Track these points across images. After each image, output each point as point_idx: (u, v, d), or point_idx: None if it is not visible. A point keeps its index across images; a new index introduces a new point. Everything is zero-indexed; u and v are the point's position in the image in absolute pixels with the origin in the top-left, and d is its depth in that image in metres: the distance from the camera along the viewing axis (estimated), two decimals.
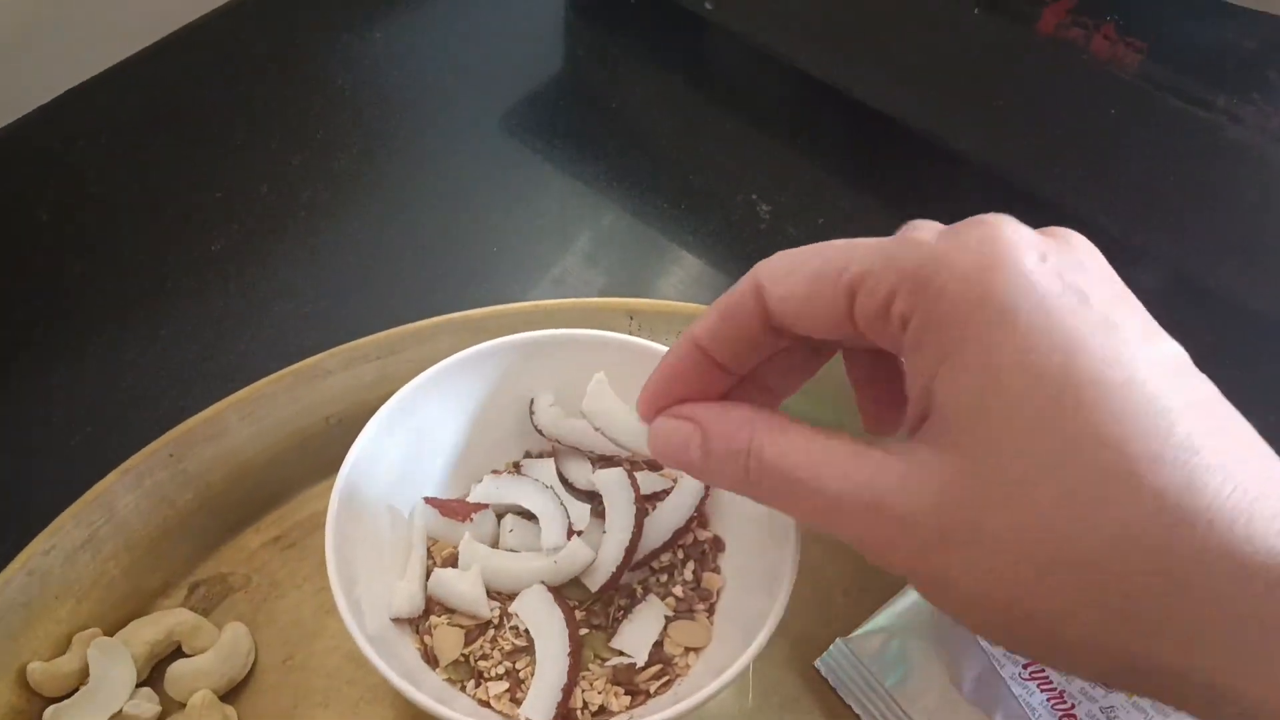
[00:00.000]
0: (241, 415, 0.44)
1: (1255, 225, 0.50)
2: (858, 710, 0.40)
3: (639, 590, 0.39)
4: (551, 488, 0.40)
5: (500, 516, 0.40)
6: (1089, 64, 0.50)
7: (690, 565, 0.40)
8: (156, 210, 0.59)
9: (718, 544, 0.41)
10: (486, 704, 0.36)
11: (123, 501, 0.42)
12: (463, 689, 0.36)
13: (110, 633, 0.40)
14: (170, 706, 0.39)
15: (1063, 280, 0.22)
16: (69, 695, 0.38)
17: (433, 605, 0.38)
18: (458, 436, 0.41)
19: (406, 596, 0.37)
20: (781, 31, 0.64)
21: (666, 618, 0.38)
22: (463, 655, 0.37)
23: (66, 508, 0.41)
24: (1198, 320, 0.55)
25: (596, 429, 0.39)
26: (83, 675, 0.38)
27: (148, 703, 0.38)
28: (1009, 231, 0.23)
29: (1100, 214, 0.55)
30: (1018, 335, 0.21)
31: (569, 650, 0.36)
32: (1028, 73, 0.53)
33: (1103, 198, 0.55)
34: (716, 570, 0.40)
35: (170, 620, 0.40)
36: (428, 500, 0.40)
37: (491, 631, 0.37)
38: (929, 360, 0.23)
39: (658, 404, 0.28)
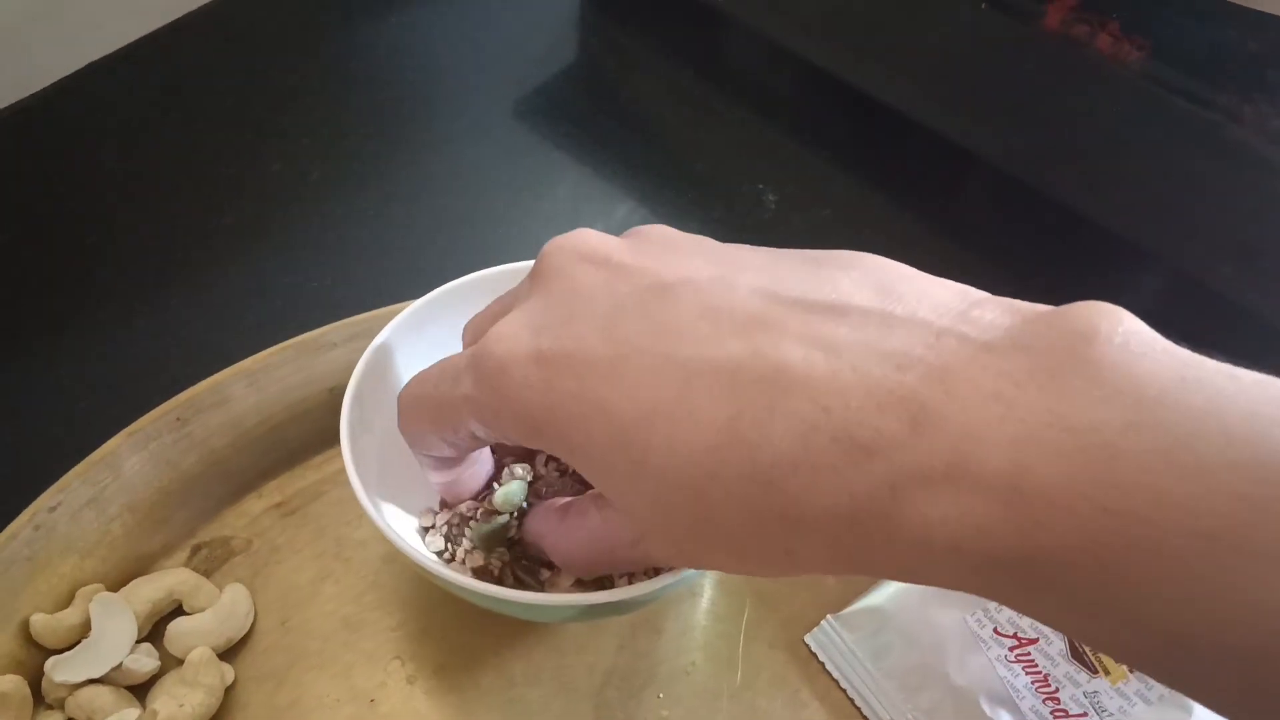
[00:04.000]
0: (247, 383, 0.45)
1: (1255, 225, 0.50)
2: (844, 686, 0.40)
3: None
4: None
5: None
6: (1092, 61, 0.50)
7: None
8: (170, 185, 0.60)
9: None
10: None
11: (128, 463, 0.42)
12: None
13: (113, 589, 0.40)
14: (169, 662, 0.40)
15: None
16: (70, 648, 0.38)
17: None
18: None
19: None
20: (791, 25, 0.65)
21: None
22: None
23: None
24: (1197, 319, 0.56)
25: None
26: (84, 629, 0.39)
27: (147, 657, 0.39)
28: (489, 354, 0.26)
29: (1102, 211, 0.56)
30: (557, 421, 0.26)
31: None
32: (1032, 69, 0.53)
33: (1105, 194, 0.55)
34: None
35: (172, 579, 0.41)
36: None
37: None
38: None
39: None
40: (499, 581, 0.39)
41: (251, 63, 0.68)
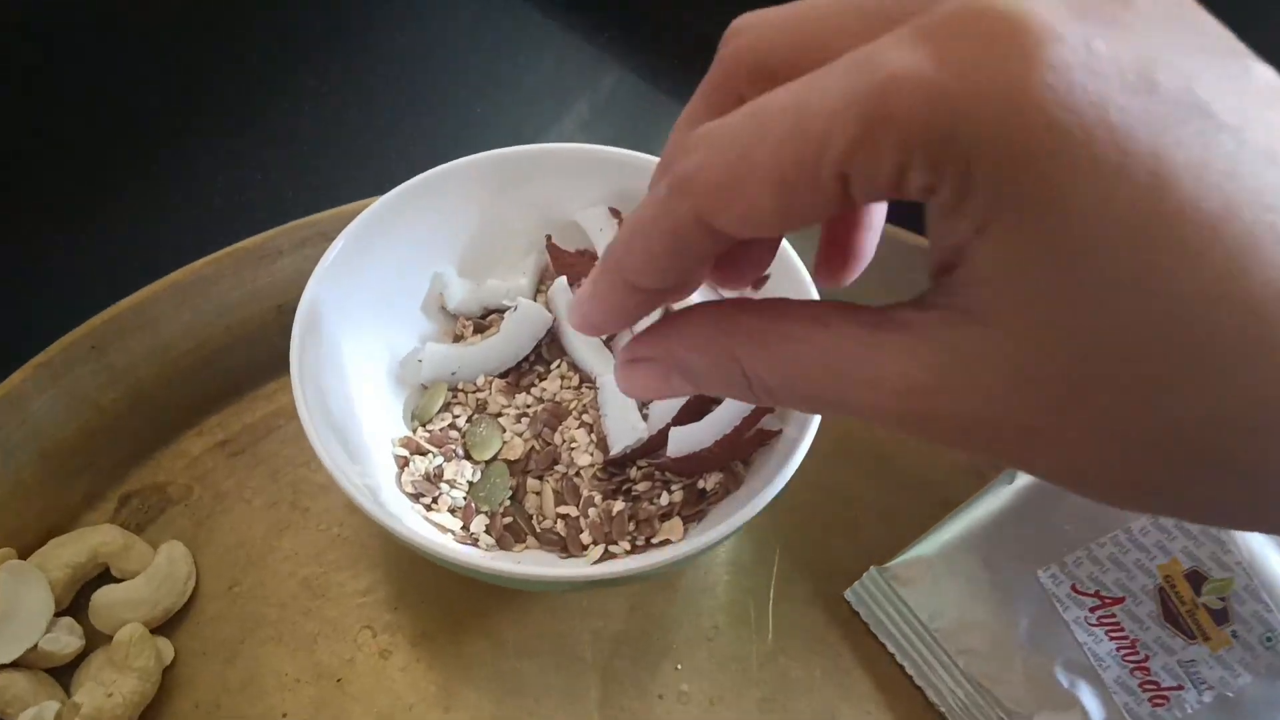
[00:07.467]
0: (176, 302, 0.38)
1: None
2: (891, 648, 0.35)
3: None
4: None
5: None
6: None
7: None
8: (89, 70, 0.52)
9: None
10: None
11: (37, 401, 0.36)
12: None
13: (25, 555, 0.34)
14: (96, 640, 0.34)
15: (1118, 66, 0.15)
16: None
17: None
18: (482, 227, 0.39)
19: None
20: None
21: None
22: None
23: None
24: None
25: None
26: None
27: (68, 635, 0.33)
28: (1024, 19, 0.15)
29: None
30: (1079, 183, 0.15)
31: None
32: None
33: None
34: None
35: (94, 539, 0.35)
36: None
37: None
38: (966, 226, 0.17)
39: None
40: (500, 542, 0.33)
41: None
